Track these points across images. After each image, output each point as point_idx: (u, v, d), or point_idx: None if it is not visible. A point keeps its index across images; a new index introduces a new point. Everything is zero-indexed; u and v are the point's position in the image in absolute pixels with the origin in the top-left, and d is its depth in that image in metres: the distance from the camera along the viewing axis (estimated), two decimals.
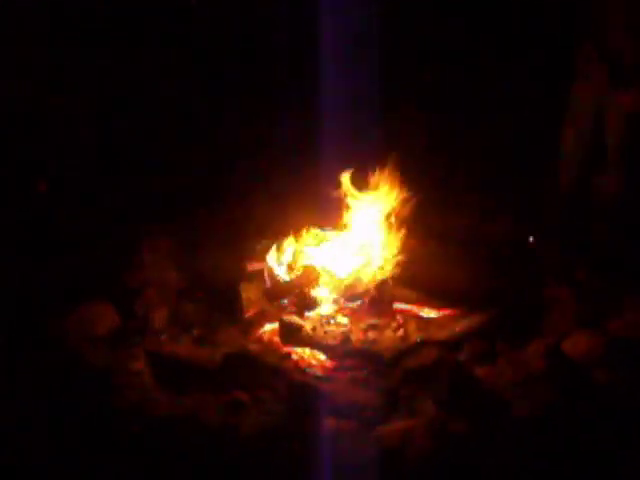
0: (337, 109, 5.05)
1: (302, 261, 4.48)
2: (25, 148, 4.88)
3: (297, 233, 4.54)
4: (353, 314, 4.28)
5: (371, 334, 4.09)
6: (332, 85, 5.14)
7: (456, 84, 5.50)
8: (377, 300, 4.31)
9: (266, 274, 4.43)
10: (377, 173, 4.49)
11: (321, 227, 4.57)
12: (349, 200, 4.49)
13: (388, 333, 4.09)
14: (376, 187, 4.51)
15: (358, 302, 4.35)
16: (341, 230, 4.56)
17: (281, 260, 4.50)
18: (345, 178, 4.49)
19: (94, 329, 3.95)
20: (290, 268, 4.49)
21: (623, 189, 4.68)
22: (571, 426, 3.21)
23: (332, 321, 4.24)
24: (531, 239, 4.82)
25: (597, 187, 4.80)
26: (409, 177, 4.47)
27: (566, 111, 4.88)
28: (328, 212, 4.57)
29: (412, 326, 4.13)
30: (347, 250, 4.51)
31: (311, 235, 4.56)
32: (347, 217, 4.53)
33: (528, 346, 3.79)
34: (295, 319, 4.19)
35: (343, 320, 4.25)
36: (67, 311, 4.01)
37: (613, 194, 4.71)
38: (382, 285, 4.33)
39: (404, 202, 4.44)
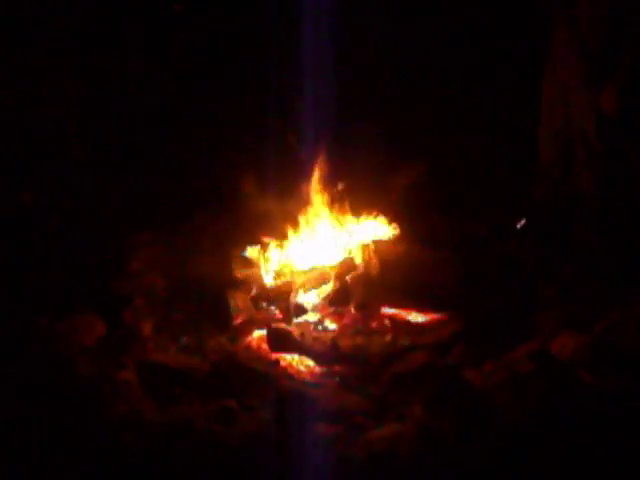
0: (324, 114, 5.07)
1: (287, 267, 4.49)
2: (10, 158, 4.87)
3: (282, 239, 4.55)
4: (341, 320, 4.29)
5: (359, 339, 4.10)
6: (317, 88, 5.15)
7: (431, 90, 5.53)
8: (364, 305, 4.32)
9: (253, 281, 4.44)
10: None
11: (306, 231, 4.58)
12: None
13: (376, 338, 4.10)
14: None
15: (345, 308, 4.36)
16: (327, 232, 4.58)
17: (267, 267, 4.51)
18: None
19: (81, 339, 3.93)
20: (277, 274, 4.49)
21: (599, 188, 4.69)
22: (559, 427, 3.22)
23: (320, 327, 4.25)
24: (520, 223, 4.80)
25: (575, 186, 4.81)
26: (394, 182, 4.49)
27: (540, 110, 4.89)
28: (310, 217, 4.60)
29: (400, 331, 4.14)
30: (332, 254, 4.52)
31: (295, 240, 4.57)
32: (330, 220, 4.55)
33: (515, 348, 3.80)
34: (283, 326, 4.20)
35: (331, 326, 4.26)
36: (54, 321, 3.99)
37: (591, 193, 4.72)
38: (368, 289, 4.34)
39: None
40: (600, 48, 4.54)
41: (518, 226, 4.81)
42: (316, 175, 4.69)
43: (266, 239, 4.57)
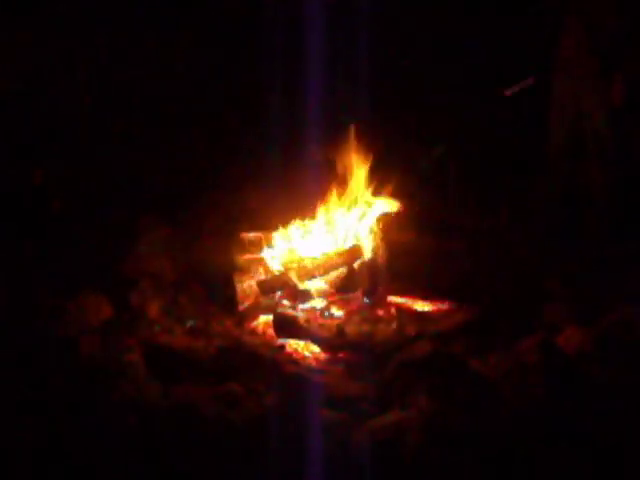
0: (325, 104, 5.06)
1: (295, 253, 4.48)
2: (21, 139, 4.87)
3: (289, 225, 4.55)
4: (347, 307, 4.28)
5: (365, 327, 4.10)
6: (321, 82, 5.14)
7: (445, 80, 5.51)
8: (371, 293, 4.32)
9: (260, 266, 4.43)
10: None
11: (311, 218, 4.57)
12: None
13: (382, 326, 4.10)
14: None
15: (352, 295, 4.35)
16: (331, 222, 4.56)
17: (274, 252, 4.50)
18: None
19: (88, 320, 3.94)
20: (284, 260, 4.48)
21: (609, 181, 4.69)
22: (564, 420, 3.22)
23: (326, 313, 4.25)
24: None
25: (584, 180, 4.81)
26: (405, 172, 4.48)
27: (551, 104, 4.88)
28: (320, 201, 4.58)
29: (406, 319, 4.14)
30: (341, 241, 4.51)
31: (301, 226, 4.56)
32: (339, 208, 4.54)
33: (522, 340, 3.79)
34: (289, 311, 4.20)
35: (337, 313, 4.26)
36: (62, 301, 3.99)
37: (600, 186, 4.72)
38: (375, 277, 4.34)
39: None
40: (610, 43, 4.56)
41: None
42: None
43: (273, 225, 4.55)
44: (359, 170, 4.50)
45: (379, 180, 4.48)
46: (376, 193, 4.50)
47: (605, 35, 4.59)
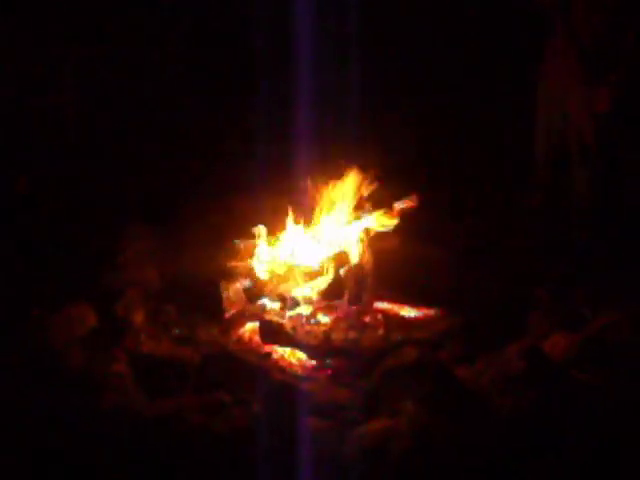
0: (313, 108, 5.06)
1: (281, 260, 4.48)
2: (6, 146, 4.84)
3: (274, 232, 4.54)
4: (334, 313, 4.28)
5: (352, 333, 4.10)
6: (308, 84, 5.14)
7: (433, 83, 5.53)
8: (357, 299, 4.32)
9: (246, 274, 4.42)
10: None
11: (296, 224, 4.56)
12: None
13: (369, 333, 4.10)
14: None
15: (338, 301, 4.35)
16: (317, 227, 4.56)
17: (261, 259, 4.49)
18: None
19: (74, 330, 3.91)
20: (270, 267, 4.48)
21: (593, 187, 4.71)
22: (551, 425, 3.23)
23: (313, 320, 4.24)
24: None
25: (569, 185, 4.83)
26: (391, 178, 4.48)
27: (536, 111, 4.90)
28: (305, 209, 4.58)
29: (393, 325, 4.14)
30: (325, 248, 4.51)
31: (288, 235, 4.55)
32: (325, 214, 4.54)
33: (508, 347, 3.80)
34: (275, 318, 4.20)
35: (324, 319, 4.25)
36: (47, 313, 3.97)
37: (585, 192, 4.74)
38: (361, 284, 4.34)
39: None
40: (596, 50, 4.57)
41: None
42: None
43: (259, 232, 4.54)
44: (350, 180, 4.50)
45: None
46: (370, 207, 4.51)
47: (590, 42, 4.60)
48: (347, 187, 4.48)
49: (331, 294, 4.36)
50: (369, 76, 5.31)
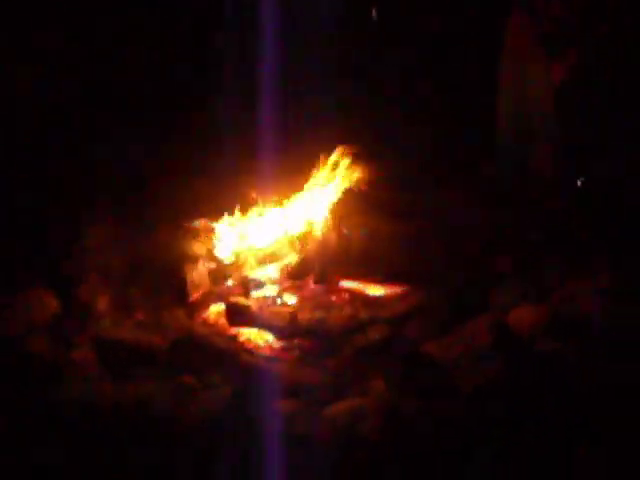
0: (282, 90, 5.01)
1: (245, 241, 4.44)
2: None
3: (240, 211, 4.50)
4: (300, 293, 4.26)
5: (318, 313, 4.08)
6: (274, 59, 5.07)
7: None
8: (323, 279, 4.31)
9: (210, 256, 4.38)
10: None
11: (261, 205, 4.52)
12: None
13: (336, 312, 4.09)
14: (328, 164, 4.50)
15: (304, 281, 4.33)
16: (283, 206, 4.53)
17: (225, 240, 4.45)
18: None
19: (35, 316, 3.84)
20: (234, 248, 4.44)
21: (557, 158, 4.76)
22: (518, 398, 3.25)
23: (279, 301, 4.22)
24: None
25: (533, 158, 4.87)
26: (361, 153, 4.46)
27: (498, 89, 4.94)
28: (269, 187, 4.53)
29: (359, 304, 4.13)
30: (289, 227, 4.48)
31: (252, 213, 4.51)
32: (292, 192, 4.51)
33: (474, 321, 3.82)
34: (241, 300, 4.16)
35: (290, 300, 4.23)
36: (7, 298, 3.89)
37: (549, 164, 4.79)
38: (327, 263, 4.32)
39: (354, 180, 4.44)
40: (554, 27, 4.62)
41: None
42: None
43: (222, 212, 4.50)
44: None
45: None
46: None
47: (549, 19, 4.66)
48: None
49: (296, 274, 4.34)
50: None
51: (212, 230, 4.45)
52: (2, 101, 4.94)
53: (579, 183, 4.82)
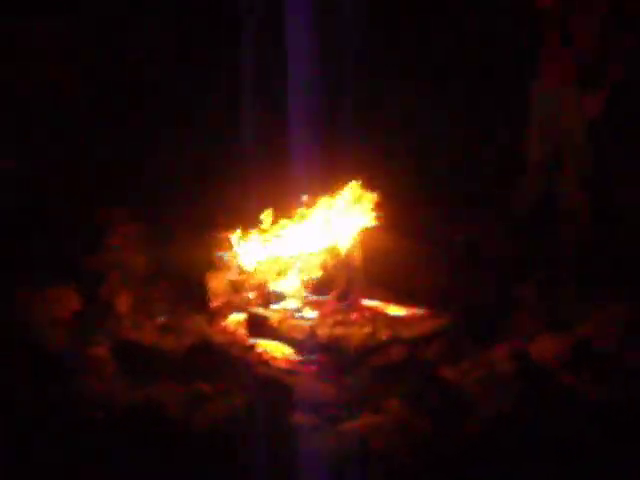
0: (309, 104, 5.02)
1: (269, 252, 4.43)
2: None
3: (263, 224, 4.49)
4: (321, 309, 4.24)
5: (338, 330, 4.05)
6: (304, 78, 5.10)
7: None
8: (345, 296, 4.28)
9: (233, 265, 4.37)
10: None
11: (288, 218, 4.51)
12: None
13: (356, 329, 4.05)
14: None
15: (326, 297, 4.31)
16: (309, 221, 4.51)
17: (249, 251, 4.44)
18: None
19: (57, 312, 3.85)
20: (258, 259, 4.43)
21: (584, 190, 4.73)
22: (537, 426, 3.20)
23: (299, 314, 4.19)
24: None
25: (560, 188, 4.84)
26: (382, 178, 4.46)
27: (530, 119, 4.91)
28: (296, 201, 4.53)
29: (380, 323, 4.10)
30: (315, 242, 4.46)
31: (278, 226, 4.50)
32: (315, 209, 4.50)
33: (494, 347, 3.78)
34: (261, 311, 4.14)
35: (310, 314, 4.21)
36: (30, 294, 3.90)
37: (575, 194, 4.76)
38: (350, 280, 4.30)
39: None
40: (591, 55, 4.60)
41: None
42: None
43: (249, 222, 4.49)
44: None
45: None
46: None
47: (586, 47, 4.64)
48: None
49: (318, 289, 4.32)
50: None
51: (236, 239, 4.43)
52: (40, 98, 4.99)
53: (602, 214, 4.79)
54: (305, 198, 4.47)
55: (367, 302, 4.33)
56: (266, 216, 4.46)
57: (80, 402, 3.21)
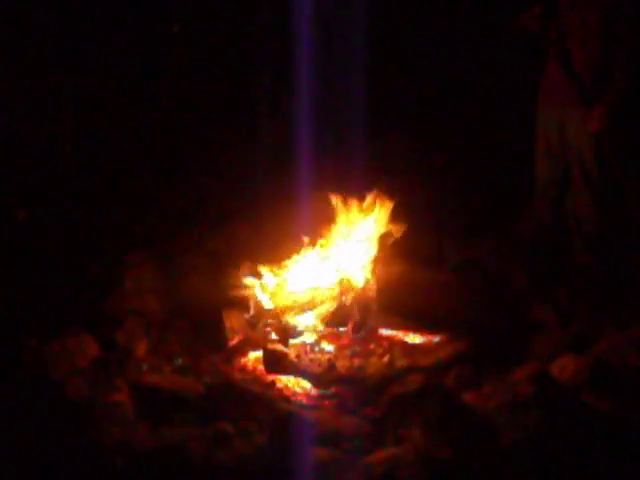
0: (318, 134, 5.06)
1: (283, 288, 4.43)
2: (5, 176, 4.83)
3: (278, 260, 4.50)
4: (337, 341, 4.24)
5: (356, 361, 4.05)
6: (312, 110, 5.14)
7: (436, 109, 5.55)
8: (361, 326, 4.28)
9: (249, 302, 4.38)
10: (367, 197, 4.48)
11: (303, 252, 4.52)
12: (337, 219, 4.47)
13: (374, 359, 4.05)
14: (364, 211, 4.50)
15: (342, 329, 4.31)
16: (324, 252, 4.52)
17: (264, 287, 4.45)
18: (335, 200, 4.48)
19: (74, 360, 3.87)
20: (273, 295, 4.43)
21: (596, 210, 4.71)
22: (560, 451, 3.17)
23: (316, 348, 4.19)
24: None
25: (572, 208, 4.82)
26: (397, 201, 4.46)
27: (536, 136, 4.92)
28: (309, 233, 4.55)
29: (397, 352, 4.09)
30: (329, 275, 4.47)
31: (291, 262, 4.51)
32: (329, 239, 4.51)
33: (514, 371, 3.75)
34: (279, 347, 4.15)
35: (328, 347, 4.20)
36: (48, 342, 3.93)
37: (588, 214, 4.74)
38: (366, 311, 4.30)
39: (391, 227, 4.43)
40: (591, 75, 4.62)
41: None
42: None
43: (262, 261, 4.51)
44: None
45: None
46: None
47: (585, 67, 4.65)
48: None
49: (335, 321, 4.32)
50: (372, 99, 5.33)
51: (251, 276, 4.45)
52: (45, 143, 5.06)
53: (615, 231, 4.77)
54: (306, 240, 4.49)
55: (384, 331, 4.32)
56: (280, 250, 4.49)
57: (100, 449, 3.20)
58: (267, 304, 4.38)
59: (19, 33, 5.09)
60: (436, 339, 4.23)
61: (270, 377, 4.00)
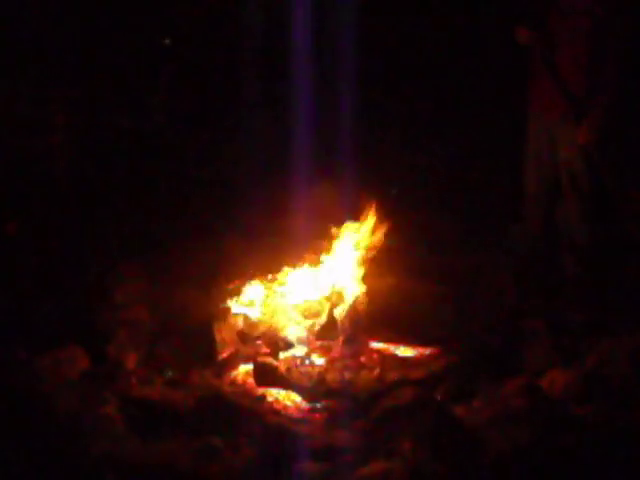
0: (309, 143, 5.08)
1: (274, 301, 4.43)
2: None
3: (268, 272, 4.50)
4: (328, 354, 4.23)
5: (347, 374, 4.04)
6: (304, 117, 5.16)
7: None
8: (352, 339, 4.27)
9: (239, 315, 4.37)
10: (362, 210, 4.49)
11: (294, 265, 4.53)
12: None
13: (364, 373, 4.04)
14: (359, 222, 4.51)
15: (333, 341, 4.30)
16: (314, 265, 4.52)
17: (254, 300, 4.45)
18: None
19: (65, 373, 3.85)
20: (263, 308, 4.43)
21: (586, 221, 4.73)
22: (551, 464, 3.17)
23: (307, 361, 4.19)
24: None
25: (562, 220, 4.85)
26: (390, 213, 4.48)
27: (525, 145, 4.95)
28: (301, 247, 4.55)
29: (388, 365, 4.09)
30: (320, 288, 4.47)
31: (282, 274, 4.51)
32: (322, 253, 4.51)
33: (505, 384, 3.75)
34: (269, 360, 4.14)
35: (318, 360, 4.20)
36: (38, 354, 3.91)
37: (578, 226, 4.76)
38: (356, 323, 4.29)
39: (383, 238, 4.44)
40: (579, 90, 4.65)
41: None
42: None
43: (253, 273, 4.50)
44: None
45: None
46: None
47: (576, 85, 4.69)
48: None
49: (326, 334, 4.32)
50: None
51: (241, 290, 4.44)
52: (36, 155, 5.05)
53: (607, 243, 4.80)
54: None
55: (375, 344, 4.32)
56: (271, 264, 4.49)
57: (90, 462, 3.18)
58: (258, 317, 4.37)
59: (12, 44, 5.10)
60: (427, 352, 4.23)
61: (260, 390, 3.99)
